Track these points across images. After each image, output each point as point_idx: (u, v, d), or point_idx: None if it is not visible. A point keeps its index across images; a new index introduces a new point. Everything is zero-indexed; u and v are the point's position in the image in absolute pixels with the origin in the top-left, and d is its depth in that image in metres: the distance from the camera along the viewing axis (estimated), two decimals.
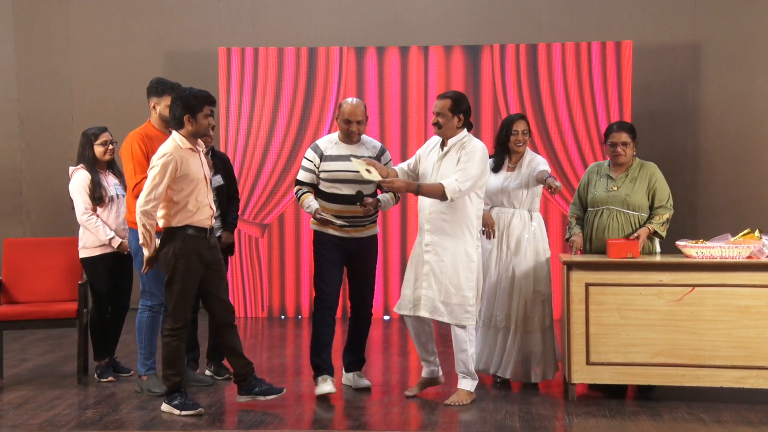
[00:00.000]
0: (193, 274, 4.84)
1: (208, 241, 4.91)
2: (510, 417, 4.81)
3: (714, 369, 4.93)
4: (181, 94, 4.86)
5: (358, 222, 5.20)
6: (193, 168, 4.82)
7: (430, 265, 5.00)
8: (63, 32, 8.62)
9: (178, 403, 4.87)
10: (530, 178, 5.28)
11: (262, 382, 5.04)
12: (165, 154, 4.76)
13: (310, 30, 8.52)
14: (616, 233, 5.21)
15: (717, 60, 8.29)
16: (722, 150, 8.33)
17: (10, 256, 5.88)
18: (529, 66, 7.96)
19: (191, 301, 4.92)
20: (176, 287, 4.82)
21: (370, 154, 5.23)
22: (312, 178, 5.21)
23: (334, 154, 5.20)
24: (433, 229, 5.01)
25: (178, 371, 4.88)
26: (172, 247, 4.80)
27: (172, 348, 4.86)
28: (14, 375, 5.87)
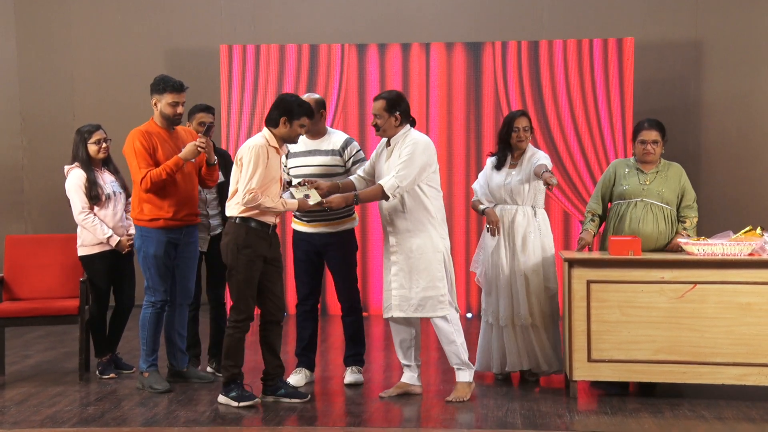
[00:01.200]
0: (255, 267, 4.90)
1: (270, 237, 4.97)
2: (511, 414, 4.81)
3: (715, 366, 4.93)
4: (285, 97, 4.95)
5: (326, 216, 5.22)
6: (274, 167, 4.89)
7: (398, 265, 5.00)
8: (64, 30, 8.62)
9: (235, 395, 4.93)
10: (531, 173, 5.29)
11: (287, 385, 5.13)
12: (256, 145, 4.84)
13: (311, 27, 8.51)
14: (651, 224, 5.24)
15: (719, 58, 8.28)
16: (724, 148, 8.33)
17: (11, 253, 5.88)
18: (531, 63, 7.95)
19: (254, 293, 4.95)
20: (238, 278, 4.88)
21: (332, 147, 5.27)
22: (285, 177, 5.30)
23: (298, 150, 5.30)
24: (395, 230, 5.00)
25: (236, 363, 4.95)
26: (235, 238, 4.87)
27: (234, 340, 4.94)
28: (16, 372, 5.87)
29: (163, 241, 5.25)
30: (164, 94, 5.26)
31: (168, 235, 5.27)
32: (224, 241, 4.94)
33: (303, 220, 5.33)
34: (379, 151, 5.16)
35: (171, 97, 5.25)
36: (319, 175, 5.21)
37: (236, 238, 4.86)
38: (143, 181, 5.16)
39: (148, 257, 5.27)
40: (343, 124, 8.02)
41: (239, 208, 4.87)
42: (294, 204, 4.92)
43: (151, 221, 5.24)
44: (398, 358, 5.23)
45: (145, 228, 5.27)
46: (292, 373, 5.43)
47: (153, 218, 5.23)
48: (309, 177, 5.17)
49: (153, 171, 5.16)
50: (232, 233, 4.89)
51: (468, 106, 8.03)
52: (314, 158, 5.27)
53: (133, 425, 4.64)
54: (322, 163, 5.26)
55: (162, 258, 5.27)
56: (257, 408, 4.93)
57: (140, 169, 5.18)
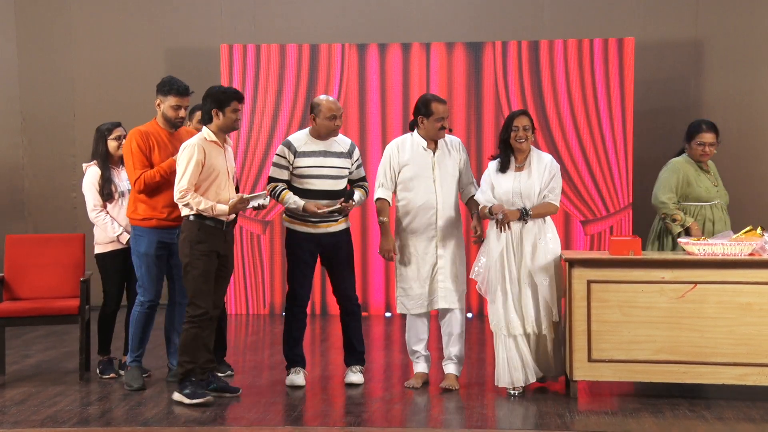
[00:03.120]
0: (211, 261, 4.94)
1: (224, 235, 5.01)
2: (512, 414, 4.81)
3: (716, 366, 4.93)
4: (210, 91, 5.03)
5: (330, 217, 5.29)
6: (217, 161, 4.96)
7: (444, 259, 5.26)
8: (65, 30, 8.62)
9: (188, 392, 4.93)
10: (542, 177, 5.13)
11: (218, 379, 5.20)
12: (187, 145, 4.93)
13: (311, 27, 8.51)
14: (722, 226, 5.51)
15: (719, 57, 8.28)
16: (724, 147, 8.24)
17: (12, 253, 5.88)
18: (531, 63, 7.95)
19: (211, 288, 4.97)
20: (194, 273, 4.91)
21: (342, 149, 5.34)
22: (286, 175, 5.29)
23: (308, 149, 5.27)
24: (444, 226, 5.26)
25: (193, 359, 4.94)
26: (189, 235, 4.92)
27: (191, 336, 4.93)
28: (16, 371, 5.87)
29: (154, 240, 5.27)
30: (168, 96, 5.31)
31: (160, 235, 5.29)
32: (180, 239, 4.99)
33: (310, 221, 5.29)
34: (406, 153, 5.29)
35: (174, 100, 5.29)
36: (332, 176, 5.27)
37: (191, 234, 4.92)
38: (137, 182, 5.22)
39: (139, 256, 5.31)
40: (344, 123, 7.99)
41: None
42: (223, 210, 4.92)
43: (143, 220, 5.28)
44: (416, 350, 5.39)
45: (138, 227, 5.31)
46: (292, 373, 5.39)
47: (146, 218, 5.27)
48: (320, 177, 5.24)
49: (147, 172, 5.20)
50: (187, 230, 4.95)
51: (468, 106, 8.02)
52: (327, 159, 5.28)
53: (133, 425, 4.64)
54: (335, 165, 5.30)
55: (153, 257, 5.28)
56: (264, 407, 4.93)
57: (135, 170, 5.23)
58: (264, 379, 5.61)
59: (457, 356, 5.33)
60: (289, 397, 5.19)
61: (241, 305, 8.14)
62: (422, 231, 5.29)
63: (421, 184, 5.27)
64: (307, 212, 5.19)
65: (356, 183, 5.45)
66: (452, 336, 5.32)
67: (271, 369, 5.89)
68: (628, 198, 7.88)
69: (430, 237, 5.28)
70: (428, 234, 5.28)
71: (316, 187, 5.25)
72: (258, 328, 7.62)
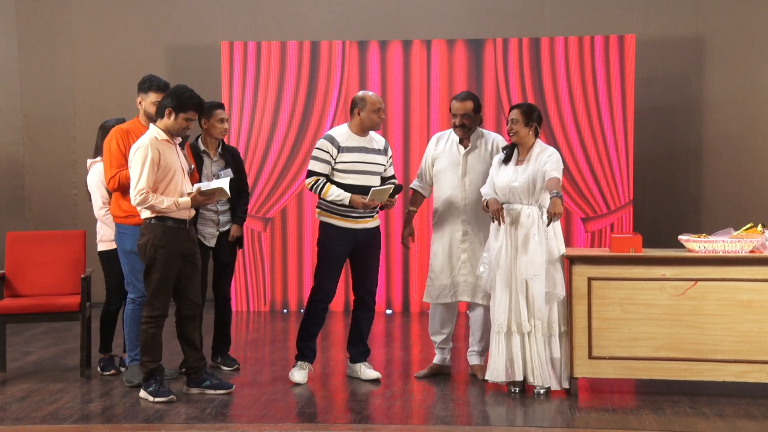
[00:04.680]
0: (172, 265, 4.94)
1: (187, 233, 5.02)
2: (512, 410, 4.82)
3: (716, 363, 4.93)
4: (176, 89, 4.99)
5: (370, 212, 5.33)
6: (170, 159, 4.93)
7: (467, 254, 5.37)
8: (65, 27, 8.61)
9: (152, 390, 4.97)
10: (539, 173, 5.03)
11: (212, 376, 5.20)
12: (139, 146, 4.90)
13: (312, 24, 8.51)
14: None
15: (720, 54, 8.27)
16: (725, 144, 8.32)
17: (12, 250, 5.88)
18: (532, 60, 7.95)
19: (170, 291, 5.00)
20: (155, 276, 4.92)
21: (379, 147, 5.40)
22: (328, 170, 5.27)
23: (351, 145, 5.29)
24: (469, 219, 5.38)
25: (153, 358, 4.99)
26: (151, 237, 4.91)
27: (149, 335, 4.97)
28: (17, 368, 5.88)
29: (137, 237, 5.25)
30: (149, 93, 5.32)
31: None
32: (141, 242, 4.96)
33: (350, 216, 5.28)
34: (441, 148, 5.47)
35: (154, 96, 5.29)
36: (370, 171, 5.31)
37: (153, 237, 4.90)
38: (111, 180, 5.22)
39: (125, 254, 5.29)
40: (345, 120, 8.00)
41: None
42: (187, 202, 4.91)
43: (126, 218, 5.26)
44: (434, 340, 5.54)
45: (121, 225, 5.31)
46: (297, 368, 5.38)
47: (128, 215, 5.24)
48: (361, 173, 5.27)
49: (123, 172, 5.17)
50: (149, 233, 4.92)
51: None
52: (367, 155, 5.31)
53: (134, 422, 4.65)
54: (374, 161, 5.33)
55: (136, 254, 5.25)
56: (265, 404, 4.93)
57: (111, 168, 5.23)
58: (265, 375, 5.61)
59: (483, 348, 5.47)
60: (291, 394, 5.19)
61: (241, 302, 8.14)
62: (449, 224, 5.42)
63: (447, 178, 5.42)
64: (356, 206, 5.19)
65: (387, 181, 5.45)
66: (477, 330, 5.46)
67: (272, 366, 5.90)
68: (629, 195, 7.88)
69: (455, 231, 5.40)
70: (454, 227, 5.41)
71: (356, 183, 5.25)
72: (259, 325, 7.63)
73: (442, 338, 5.54)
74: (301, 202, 8.09)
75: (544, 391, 5.05)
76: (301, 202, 8.08)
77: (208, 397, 5.08)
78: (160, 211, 4.89)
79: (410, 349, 6.54)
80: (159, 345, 5.01)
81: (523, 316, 5.02)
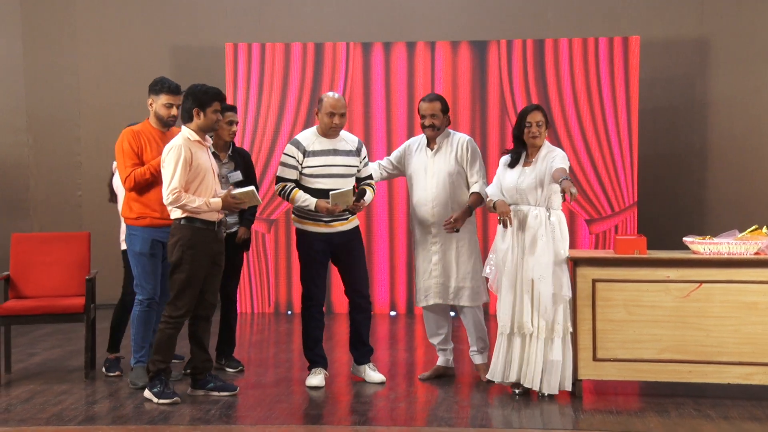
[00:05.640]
0: (199, 266, 4.93)
1: (215, 234, 5.01)
2: (516, 412, 4.81)
3: (721, 365, 4.92)
4: (192, 90, 5.01)
5: (341, 216, 5.30)
6: (201, 160, 4.95)
7: (440, 256, 5.38)
8: (70, 28, 8.63)
9: (157, 391, 4.96)
10: (546, 173, 5.00)
11: (216, 378, 5.20)
12: (172, 146, 4.91)
13: (316, 26, 8.51)
14: None
15: (724, 55, 8.26)
16: (729, 146, 8.31)
17: (17, 251, 5.89)
18: (536, 62, 7.95)
19: (195, 292, 4.96)
20: (181, 276, 4.91)
21: (350, 148, 5.36)
22: (296, 175, 5.28)
23: (317, 149, 5.27)
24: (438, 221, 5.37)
25: (164, 359, 4.97)
26: (180, 238, 4.91)
27: (165, 335, 4.96)
28: (22, 369, 5.89)
29: (148, 239, 5.27)
30: (160, 95, 5.33)
31: (155, 233, 5.28)
32: (170, 242, 4.97)
33: (323, 221, 5.29)
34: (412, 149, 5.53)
35: (166, 99, 5.31)
36: (340, 174, 5.28)
37: (182, 238, 4.91)
38: (127, 179, 5.24)
39: (135, 255, 5.31)
40: (348, 122, 8.01)
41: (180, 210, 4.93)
42: (218, 202, 4.92)
43: (137, 219, 5.28)
44: (432, 343, 5.58)
45: (131, 226, 5.32)
46: (312, 375, 5.36)
47: (139, 216, 5.27)
48: (330, 176, 5.24)
49: (137, 170, 5.22)
50: (178, 233, 4.93)
51: (473, 104, 8.02)
52: (336, 158, 5.28)
53: (138, 423, 4.65)
54: (344, 163, 5.30)
55: (147, 256, 5.29)
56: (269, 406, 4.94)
57: (125, 168, 5.25)
58: (269, 377, 5.61)
59: (481, 347, 5.46)
60: (295, 395, 5.19)
61: (246, 304, 8.15)
62: (422, 227, 5.46)
63: (419, 181, 5.45)
64: (320, 210, 5.19)
65: (363, 181, 5.45)
66: (475, 334, 5.45)
67: (276, 367, 5.90)
68: (633, 197, 7.87)
69: (427, 233, 5.43)
70: (426, 230, 5.44)
71: (326, 186, 5.22)
72: (263, 327, 7.63)
73: (440, 339, 5.55)
74: None
75: (548, 393, 5.04)
76: None
77: (212, 398, 5.08)
78: (190, 211, 4.88)
79: (414, 351, 6.53)
80: (172, 347, 5.00)
81: (526, 316, 4.99)
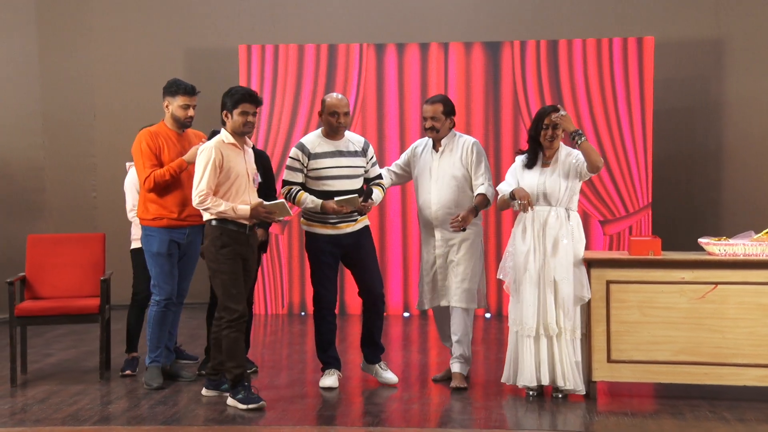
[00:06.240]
0: (236, 263, 4.90)
1: (247, 238, 4.97)
2: (531, 414, 4.80)
3: (737, 367, 4.89)
4: (225, 93, 4.99)
5: (349, 217, 5.27)
6: (235, 163, 4.91)
7: (443, 259, 5.34)
8: (85, 31, 8.68)
9: (242, 397, 4.87)
10: (569, 173, 5.03)
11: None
12: (204, 148, 4.91)
13: (329, 27, 8.52)
14: None
15: (740, 56, 8.21)
16: (745, 147, 8.26)
17: (33, 252, 5.92)
18: (550, 63, 7.92)
19: (242, 289, 4.91)
20: (223, 278, 4.87)
21: (356, 148, 5.32)
22: (301, 178, 5.26)
23: (321, 151, 5.24)
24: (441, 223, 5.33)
25: (239, 363, 4.88)
26: (213, 240, 4.89)
27: (231, 340, 4.87)
28: (37, 370, 5.92)
29: (166, 240, 5.30)
30: (176, 97, 5.35)
31: (171, 234, 5.32)
32: (204, 245, 4.97)
33: (330, 222, 5.26)
34: (418, 151, 5.51)
35: (182, 100, 5.34)
36: (346, 176, 5.25)
37: (213, 239, 4.89)
38: (147, 180, 5.26)
39: (152, 256, 5.34)
40: (362, 123, 8.03)
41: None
42: (246, 211, 4.86)
43: (154, 220, 5.31)
44: (445, 345, 5.55)
45: (148, 227, 5.35)
46: (325, 376, 5.34)
47: (156, 217, 5.30)
48: (336, 178, 5.21)
49: (157, 171, 5.25)
50: (211, 236, 4.91)
51: (487, 106, 8.01)
52: (341, 159, 5.25)
53: (153, 424, 4.67)
54: (350, 165, 5.27)
55: (165, 256, 5.31)
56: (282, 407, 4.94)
57: (144, 169, 5.27)
58: (282, 378, 5.62)
59: (462, 355, 5.33)
60: (308, 396, 5.20)
61: (259, 305, 8.16)
62: (425, 229, 5.45)
63: (424, 183, 5.42)
64: (327, 211, 5.17)
65: (372, 181, 5.43)
66: (455, 335, 5.34)
67: (289, 369, 5.91)
68: (648, 198, 7.83)
69: (430, 235, 5.40)
70: (428, 232, 5.42)
71: (333, 188, 5.21)
72: (276, 328, 7.64)
73: (449, 342, 5.49)
74: None
75: (562, 395, 5.03)
76: None
77: (225, 399, 5.08)
78: (217, 214, 4.87)
79: (428, 352, 6.53)
80: (242, 350, 4.91)
81: (551, 317, 4.97)
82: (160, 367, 5.43)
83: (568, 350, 4.97)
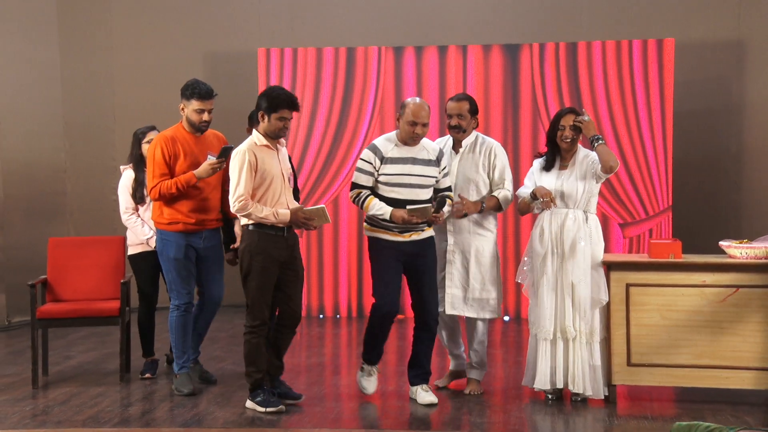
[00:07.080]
0: (269, 272, 4.84)
1: (285, 240, 4.90)
2: (550, 418, 4.78)
3: (759, 371, 4.85)
4: (266, 90, 4.91)
5: (416, 227, 5.03)
6: (269, 165, 4.83)
7: (453, 265, 5.24)
8: (105, 35, 8.75)
9: (261, 400, 4.89)
10: (586, 175, 5.01)
11: (283, 384, 5.13)
12: (238, 152, 4.84)
13: (348, 30, 8.54)
14: None
15: (761, 57, 8.14)
16: (766, 149, 8.19)
17: (54, 255, 5.97)
18: (569, 65, 7.89)
19: (268, 299, 4.89)
20: (252, 284, 4.84)
21: (430, 157, 5.06)
22: (371, 182, 5.02)
23: (396, 156, 5.01)
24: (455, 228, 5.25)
25: (258, 368, 4.89)
26: (249, 244, 4.84)
27: (252, 345, 4.87)
28: (59, 372, 5.97)
29: (182, 244, 5.28)
30: (191, 101, 5.25)
31: (187, 238, 5.29)
32: (240, 248, 4.93)
33: (394, 230, 5.00)
34: None
35: (197, 104, 5.24)
36: (417, 185, 5.00)
37: (250, 244, 4.83)
38: (153, 190, 5.22)
39: (168, 260, 5.31)
40: (380, 126, 8.03)
41: None
42: (286, 215, 4.79)
43: (170, 224, 5.27)
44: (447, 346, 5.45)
45: (164, 231, 5.31)
46: (364, 377, 5.21)
47: (172, 221, 5.26)
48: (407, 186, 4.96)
49: (164, 183, 5.18)
50: (247, 239, 4.87)
51: (505, 108, 7.99)
52: (414, 167, 4.99)
53: (172, 426, 4.69)
54: (422, 173, 5.01)
55: (182, 261, 5.29)
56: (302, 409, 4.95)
57: (153, 178, 5.22)
58: (301, 381, 5.63)
59: (477, 362, 5.29)
60: (327, 398, 5.21)
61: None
62: (439, 234, 5.26)
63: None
64: (395, 220, 4.93)
65: (441, 192, 5.12)
66: (472, 342, 5.29)
67: (308, 371, 5.92)
68: (668, 200, 7.78)
69: (443, 240, 5.27)
70: (442, 237, 5.27)
71: (401, 196, 4.96)
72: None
73: (452, 345, 5.43)
74: (337, 207, 8.11)
75: (581, 398, 5.00)
76: (337, 208, 8.10)
77: (244, 402, 5.09)
78: (257, 219, 4.81)
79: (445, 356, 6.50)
80: (263, 354, 4.90)
81: (568, 320, 4.96)
82: (188, 373, 5.41)
83: (582, 354, 4.95)
